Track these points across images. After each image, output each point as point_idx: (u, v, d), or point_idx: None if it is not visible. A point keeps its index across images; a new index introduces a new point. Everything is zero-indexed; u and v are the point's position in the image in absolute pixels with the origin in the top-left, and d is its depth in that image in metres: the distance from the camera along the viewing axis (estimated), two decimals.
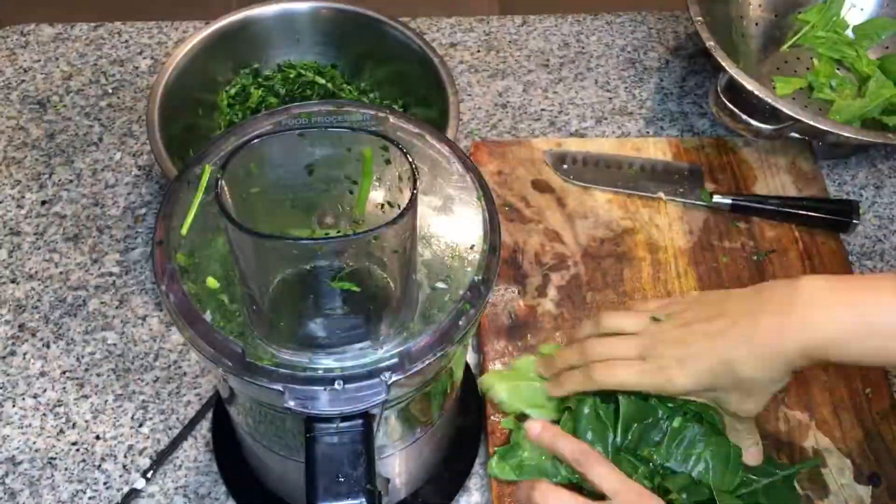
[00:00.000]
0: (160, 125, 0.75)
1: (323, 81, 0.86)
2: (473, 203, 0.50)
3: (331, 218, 0.49)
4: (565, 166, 0.85)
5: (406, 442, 0.57)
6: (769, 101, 0.79)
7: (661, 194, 0.83)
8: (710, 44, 0.83)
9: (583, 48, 1.01)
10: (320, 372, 0.43)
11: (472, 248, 0.48)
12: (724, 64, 0.81)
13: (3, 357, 0.74)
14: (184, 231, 0.47)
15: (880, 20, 0.96)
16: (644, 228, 0.82)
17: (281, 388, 0.43)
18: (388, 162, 0.46)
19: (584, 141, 0.89)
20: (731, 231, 0.82)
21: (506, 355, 0.72)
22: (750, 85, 0.80)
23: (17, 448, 0.69)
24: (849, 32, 0.96)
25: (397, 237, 0.42)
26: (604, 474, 0.56)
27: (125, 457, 0.69)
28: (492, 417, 0.69)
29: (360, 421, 0.45)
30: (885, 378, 0.72)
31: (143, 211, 0.84)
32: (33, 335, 0.75)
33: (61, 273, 0.79)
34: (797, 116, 0.78)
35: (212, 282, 0.46)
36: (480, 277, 0.47)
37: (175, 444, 0.69)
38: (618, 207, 0.83)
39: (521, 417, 0.66)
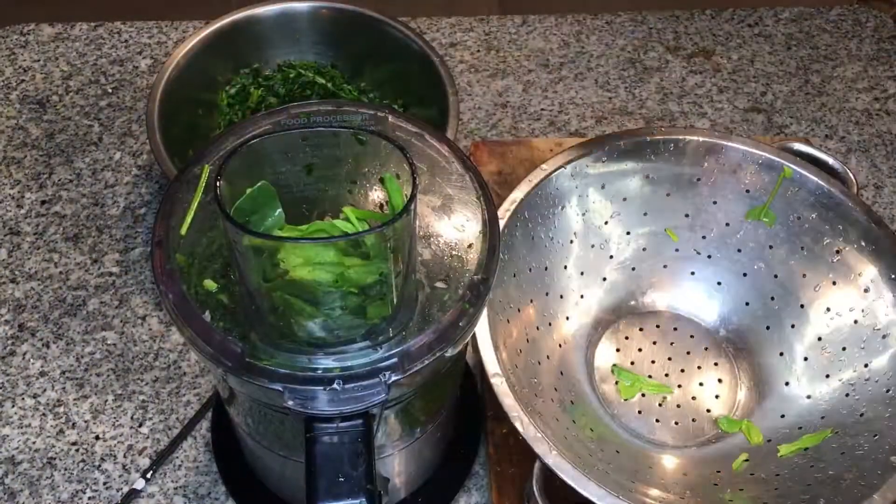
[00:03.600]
0: (160, 125, 0.75)
1: (323, 81, 0.86)
2: (473, 203, 0.50)
3: (330, 218, 0.49)
4: None
5: (406, 442, 0.57)
6: None
7: None
8: None
9: (583, 48, 1.01)
10: (320, 372, 0.43)
11: (470, 247, 0.48)
12: None
13: (3, 357, 0.74)
14: (183, 231, 0.47)
15: None
16: None
17: (280, 388, 0.43)
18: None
19: None
20: None
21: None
22: None
23: (17, 448, 0.69)
24: None
25: (396, 237, 0.42)
26: None
27: (125, 457, 0.69)
28: (491, 417, 0.69)
29: (360, 421, 0.45)
30: None
31: (143, 211, 0.84)
32: (33, 335, 0.75)
33: (61, 273, 0.79)
34: None
35: (209, 284, 0.46)
36: (480, 277, 0.47)
37: (175, 444, 0.69)
38: None
39: None
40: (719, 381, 0.71)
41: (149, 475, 0.67)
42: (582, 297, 0.72)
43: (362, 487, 0.44)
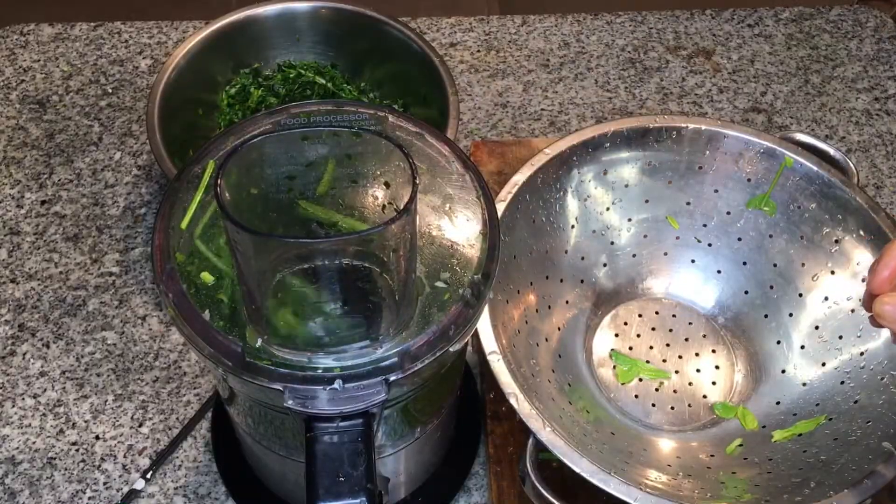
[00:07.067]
0: (160, 125, 0.75)
1: (323, 81, 0.86)
2: (473, 203, 0.50)
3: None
4: None
5: (406, 442, 0.57)
6: None
7: None
8: None
9: (583, 48, 1.01)
10: (320, 371, 0.43)
11: (471, 247, 0.48)
12: None
13: (3, 357, 0.74)
14: (183, 225, 0.47)
15: None
16: None
17: (281, 388, 0.43)
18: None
19: None
20: None
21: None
22: None
23: (17, 448, 0.69)
24: None
25: (397, 236, 0.42)
26: None
27: (125, 457, 0.69)
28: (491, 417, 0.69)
29: (360, 420, 0.45)
30: None
31: (143, 211, 0.84)
32: (33, 335, 0.75)
33: (61, 273, 0.79)
34: None
35: (206, 276, 0.46)
36: (480, 276, 0.47)
37: (175, 444, 0.69)
38: None
39: None
40: (716, 367, 0.71)
41: (149, 475, 0.67)
42: (582, 281, 0.73)
43: (362, 487, 0.44)
